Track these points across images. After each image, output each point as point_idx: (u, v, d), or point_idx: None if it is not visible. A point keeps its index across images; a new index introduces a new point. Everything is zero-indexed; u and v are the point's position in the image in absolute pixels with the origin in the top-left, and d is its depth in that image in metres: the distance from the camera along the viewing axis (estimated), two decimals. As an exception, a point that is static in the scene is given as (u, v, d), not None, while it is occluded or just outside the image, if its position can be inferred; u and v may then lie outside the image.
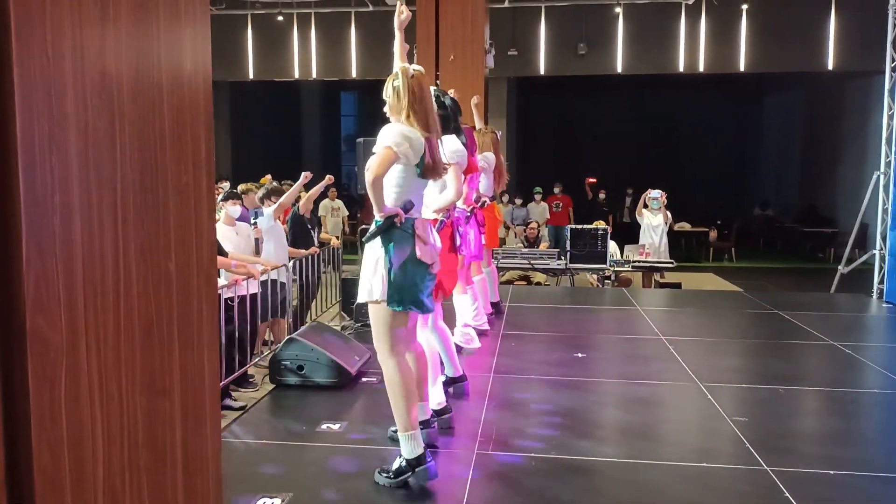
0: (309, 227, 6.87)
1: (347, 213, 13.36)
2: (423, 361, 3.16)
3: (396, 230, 2.85)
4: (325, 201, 12.33)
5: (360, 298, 2.98)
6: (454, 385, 4.07)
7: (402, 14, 3.24)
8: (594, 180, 14.40)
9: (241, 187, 6.51)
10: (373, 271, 2.88)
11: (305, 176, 6.24)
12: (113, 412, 1.08)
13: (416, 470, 2.90)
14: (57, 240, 0.96)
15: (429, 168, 2.94)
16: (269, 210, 6.10)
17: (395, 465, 2.94)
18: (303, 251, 6.41)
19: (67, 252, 0.98)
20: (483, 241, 5.37)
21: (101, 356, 1.05)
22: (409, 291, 2.86)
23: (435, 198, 3.58)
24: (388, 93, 3.00)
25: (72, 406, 0.99)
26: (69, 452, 0.98)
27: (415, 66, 3.02)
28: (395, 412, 2.97)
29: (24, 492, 0.93)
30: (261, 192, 6.39)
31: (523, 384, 4.50)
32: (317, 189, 6.84)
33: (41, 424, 0.94)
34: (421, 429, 3.07)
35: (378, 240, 2.87)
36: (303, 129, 20.78)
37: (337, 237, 10.46)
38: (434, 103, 3.07)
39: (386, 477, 2.94)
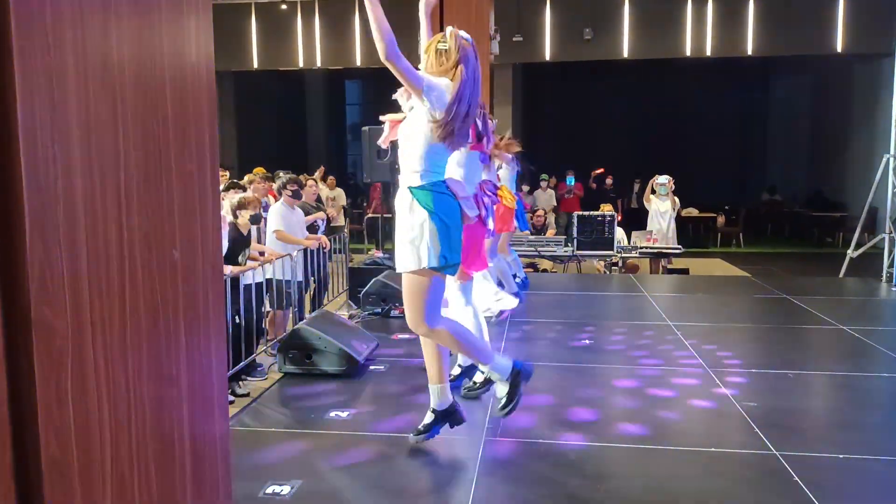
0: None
1: (345, 201, 13.13)
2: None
3: (436, 193, 2.78)
4: (324, 189, 12.20)
5: (408, 266, 2.84)
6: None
7: None
8: (601, 171, 14.23)
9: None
10: (419, 237, 2.77)
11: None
12: (120, 399, 1.08)
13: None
14: (60, 228, 0.96)
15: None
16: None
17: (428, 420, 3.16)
18: (304, 242, 6.40)
19: (71, 240, 0.98)
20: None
21: (106, 344, 1.05)
22: (456, 255, 2.82)
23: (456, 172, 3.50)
24: (429, 52, 2.88)
25: (78, 393, 0.99)
26: (76, 439, 0.99)
27: (463, 33, 2.90)
28: (473, 353, 3.08)
29: (32, 479, 0.94)
30: (277, 183, 6.41)
31: (531, 371, 4.50)
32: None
33: (48, 412, 0.94)
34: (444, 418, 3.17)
35: (419, 204, 2.78)
36: (308, 118, 20.75)
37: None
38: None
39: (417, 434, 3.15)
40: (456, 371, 4.03)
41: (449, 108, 2.76)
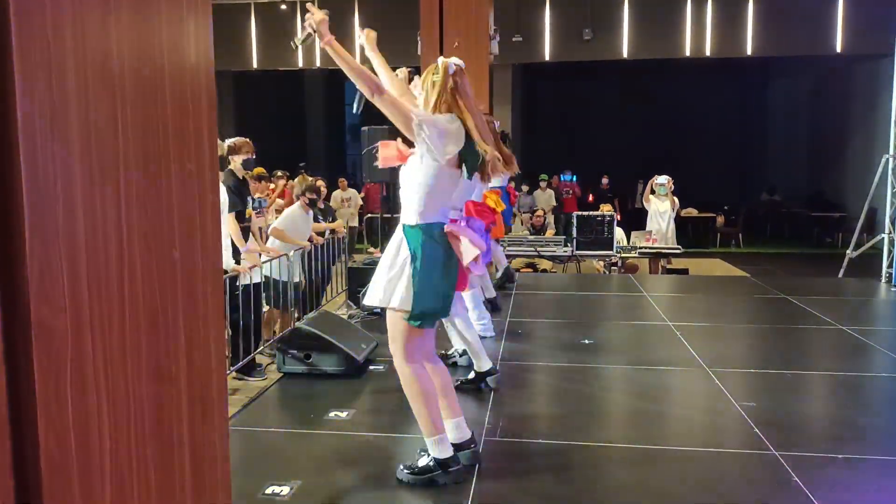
0: (319, 219, 6.89)
1: (360, 202, 13.05)
2: (446, 375, 3.00)
3: (426, 237, 2.71)
4: (336, 192, 12.19)
5: (377, 302, 2.77)
6: (488, 378, 3.97)
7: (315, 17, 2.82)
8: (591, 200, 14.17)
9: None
10: (397, 276, 2.72)
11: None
12: (119, 400, 1.08)
13: (450, 469, 2.82)
14: (60, 228, 0.96)
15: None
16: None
17: (422, 463, 2.83)
18: (299, 242, 6.39)
19: (70, 240, 0.98)
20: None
21: (106, 344, 1.05)
22: (431, 306, 2.72)
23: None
24: (424, 86, 2.86)
25: (78, 394, 0.99)
26: (76, 440, 0.98)
27: (455, 60, 2.85)
28: (418, 419, 2.83)
29: (31, 479, 0.93)
30: (297, 190, 6.44)
31: (530, 371, 4.50)
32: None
33: (47, 413, 0.94)
34: (460, 450, 2.92)
35: (406, 244, 2.73)
36: (307, 118, 20.77)
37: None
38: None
39: (409, 473, 2.84)
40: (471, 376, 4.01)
41: (447, 150, 2.71)
